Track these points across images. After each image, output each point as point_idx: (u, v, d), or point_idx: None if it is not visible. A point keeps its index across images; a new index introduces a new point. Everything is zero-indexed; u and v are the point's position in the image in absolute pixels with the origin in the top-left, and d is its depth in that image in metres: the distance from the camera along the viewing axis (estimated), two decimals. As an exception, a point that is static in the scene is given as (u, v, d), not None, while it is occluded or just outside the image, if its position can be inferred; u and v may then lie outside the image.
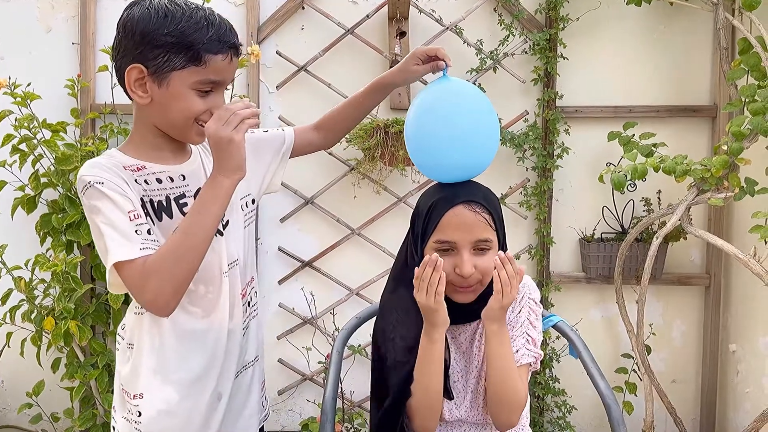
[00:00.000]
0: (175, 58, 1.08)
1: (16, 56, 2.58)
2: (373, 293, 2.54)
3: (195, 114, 1.11)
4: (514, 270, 1.21)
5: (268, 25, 2.52)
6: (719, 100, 2.44)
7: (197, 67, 1.09)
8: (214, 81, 1.11)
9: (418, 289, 1.21)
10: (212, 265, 1.17)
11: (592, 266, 2.46)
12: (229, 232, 1.22)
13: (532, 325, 1.32)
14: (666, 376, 2.55)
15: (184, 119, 1.11)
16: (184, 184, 1.18)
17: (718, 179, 2.13)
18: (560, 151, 2.48)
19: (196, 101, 1.11)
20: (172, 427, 1.17)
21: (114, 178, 1.09)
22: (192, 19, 1.08)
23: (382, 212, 2.54)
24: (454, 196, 1.24)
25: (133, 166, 1.14)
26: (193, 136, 1.14)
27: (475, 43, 2.45)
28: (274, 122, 2.55)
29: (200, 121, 1.13)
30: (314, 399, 2.60)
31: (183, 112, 1.11)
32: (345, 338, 1.57)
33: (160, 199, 1.14)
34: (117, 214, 1.06)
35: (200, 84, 1.10)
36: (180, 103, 1.10)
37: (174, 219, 1.15)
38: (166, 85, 1.09)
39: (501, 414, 1.27)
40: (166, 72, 1.08)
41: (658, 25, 2.50)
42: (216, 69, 1.10)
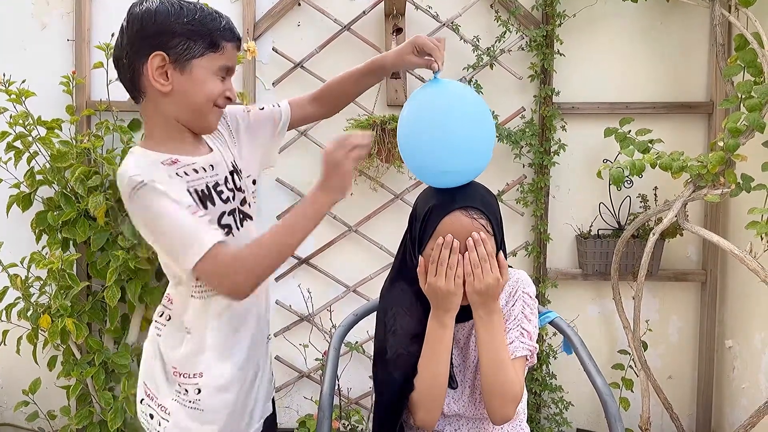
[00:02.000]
0: (195, 46, 1.14)
1: (10, 53, 2.57)
2: (371, 290, 2.54)
3: (216, 96, 1.18)
4: (487, 252, 1.19)
5: (265, 22, 2.51)
6: (715, 96, 2.44)
7: (215, 53, 1.16)
8: (229, 67, 1.20)
9: (436, 273, 1.20)
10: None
11: (588, 263, 2.47)
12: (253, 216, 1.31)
13: (526, 318, 1.32)
14: (662, 372, 2.56)
15: (206, 102, 1.18)
16: (214, 173, 1.22)
17: (715, 176, 2.13)
18: (557, 148, 2.48)
19: (218, 84, 1.18)
20: (227, 401, 1.25)
21: (162, 176, 1.13)
22: (205, 11, 1.17)
23: (379, 209, 2.53)
24: (451, 202, 1.23)
25: (167, 161, 1.17)
26: (212, 119, 1.21)
27: (471, 39, 2.45)
28: (270, 119, 2.54)
29: (216, 104, 1.20)
30: (311, 396, 2.60)
31: (207, 95, 1.17)
32: (342, 335, 1.57)
33: (202, 188, 1.19)
34: (183, 209, 1.10)
35: (219, 69, 1.18)
36: (203, 87, 1.16)
37: (216, 206, 1.21)
38: (189, 71, 1.15)
39: (494, 406, 1.25)
40: (187, 59, 1.15)
41: (654, 22, 2.50)
42: (229, 55, 1.19)
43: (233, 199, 1.25)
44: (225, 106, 1.23)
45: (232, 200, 1.24)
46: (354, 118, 2.39)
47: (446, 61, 2.57)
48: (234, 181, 1.27)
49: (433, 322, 1.24)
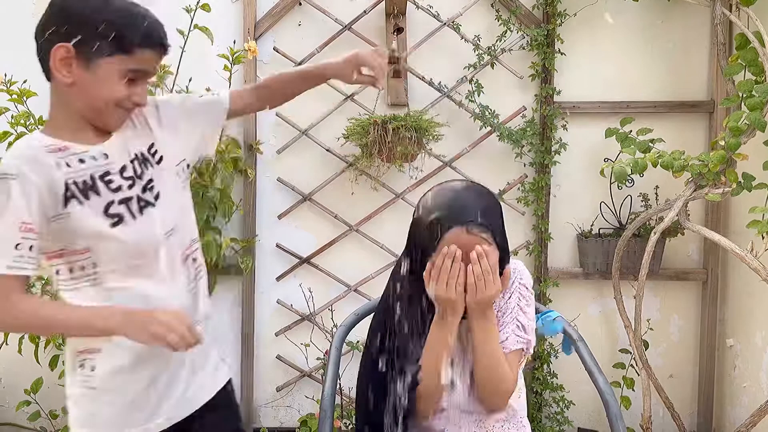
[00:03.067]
0: (104, 44, 1.11)
1: (11, 53, 2.56)
2: (372, 290, 2.54)
3: (117, 100, 1.15)
4: (490, 266, 1.20)
5: (265, 21, 2.52)
6: (716, 95, 2.44)
7: (124, 56, 1.13)
8: (141, 71, 1.16)
9: (438, 281, 1.21)
10: (147, 239, 1.20)
11: (589, 262, 2.47)
12: (162, 204, 1.24)
13: (522, 311, 1.33)
14: (663, 371, 2.56)
15: (105, 104, 1.15)
16: (107, 162, 1.19)
17: (716, 174, 2.13)
18: (558, 147, 2.48)
19: (120, 88, 1.14)
20: (126, 384, 1.20)
21: (32, 175, 1.10)
22: (128, 11, 1.13)
23: (380, 208, 2.54)
24: (452, 218, 1.22)
25: (55, 147, 1.15)
26: (113, 120, 1.18)
27: (472, 38, 2.45)
28: (271, 118, 2.55)
29: (121, 106, 1.17)
30: (313, 395, 2.60)
31: (106, 97, 1.14)
32: (343, 335, 1.57)
33: (84, 179, 1.16)
34: (8, 217, 1.09)
35: (126, 73, 1.14)
36: (104, 88, 1.14)
37: (102, 197, 1.17)
38: (93, 69, 1.12)
39: (489, 400, 1.31)
40: (94, 57, 1.11)
41: (655, 21, 2.50)
42: (143, 60, 1.15)
43: (129, 187, 1.20)
44: (133, 108, 1.20)
45: (127, 189, 1.20)
46: (355, 118, 2.39)
47: (447, 61, 2.60)
48: (135, 168, 1.23)
49: (436, 325, 1.27)
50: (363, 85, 1.35)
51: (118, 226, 1.17)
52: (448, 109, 2.51)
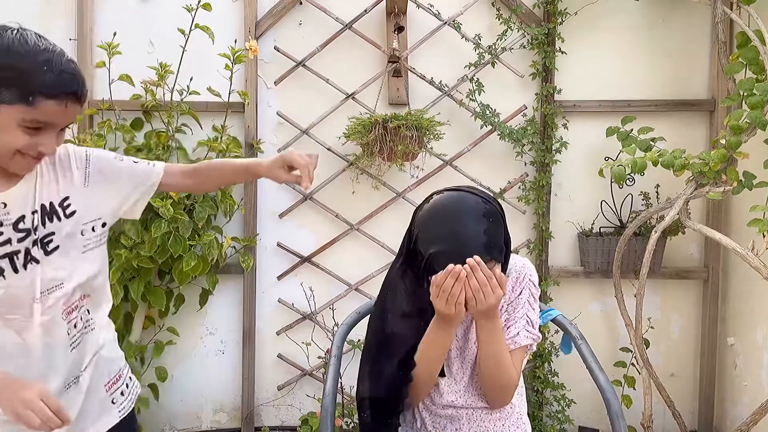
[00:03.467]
0: (6, 93, 1.06)
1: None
2: (373, 288, 2.54)
3: (16, 148, 1.10)
4: (486, 275, 1.19)
5: (266, 21, 2.52)
6: (717, 94, 2.44)
7: (26, 106, 1.07)
8: (43, 122, 1.09)
9: (437, 297, 1.21)
10: (21, 294, 1.16)
11: (590, 260, 2.47)
12: (54, 259, 1.20)
13: (531, 306, 1.36)
14: (664, 370, 2.56)
15: (6, 151, 1.10)
16: (3, 212, 1.15)
17: (717, 173, 2.13)
18: (559, 146, 2.48)
19: (20, 137, 1.09)
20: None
21: None
22: (33, 59, 1.07)
23: (381, 207, 2.54)
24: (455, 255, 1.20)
25: None
26: (16, 167, 1.13)
27: (473, 37, 2.45)
28: (272, 117, 2.55)
29: (26, 154, 1.11)
30: (314, 394, 2.61)
31: (4, 143, 1.09)
32: (344, 333, 1.57)
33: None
34: None
35: (27, 122, 1.08)
36: (3, 135, 1.08)
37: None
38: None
39: (494, 395, 1.33)
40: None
41: (656, 19, 2.50)
42: (46, 112, 1.08)
43: (19, 240, 1.16)
44: (39, 157, 1.14)
45: (16, 242, 1.16)
46: (356, 117, 2.39)
47: (448, 60, 2.59)
48: (33, 221, 1.18)
49: (435, 325, 1.28)
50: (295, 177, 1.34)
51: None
52: (449, 108, 2.51)
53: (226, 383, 2.64)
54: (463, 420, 1.36)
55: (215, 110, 2.48)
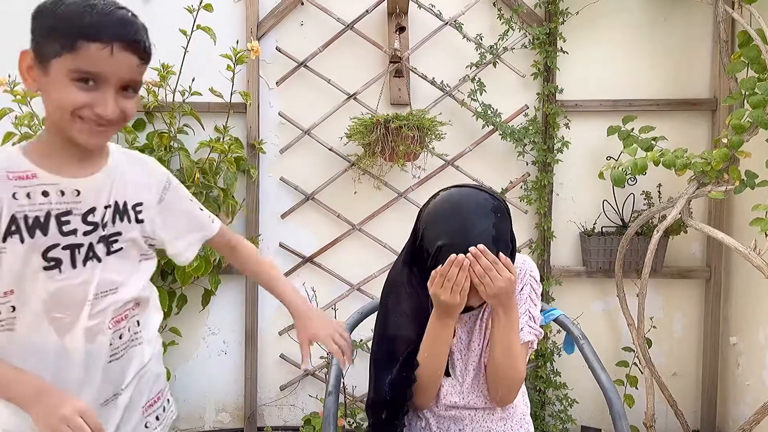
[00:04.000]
0: (54, 43, 1.00)
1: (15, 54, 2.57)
2: (375, 288, 2.55)
3: (69, 106, 1.01)
4: (490, 260, 1.20)
5: (268, 21, 2.52)
6: (719, 93, 2.44)
7: (69, 54, 0.99)
8: (89, 72, 1.00)
9: (441, 286, 1.22)
10: (75, 292, 1.10)
11: (592, 260, 2.47)
12: (113, 262, 1.14)
13: (533, 302, 1.36)
14: (667, 369, 2.56)
15: (60, 111, 1.02)
16: (75, 200, 1.08)
17: (719, 172, 2.13)
18: (560, 145, 2.48)
19: (72, 93, 1.00)
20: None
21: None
22: (78, 4, 1.01)
23: (383, 207, 2.54)
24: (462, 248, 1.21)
25: (22, 174, 1.05)
26: (76, 134, 1.04)
27: (474, 37, 2.45)
28: (274, 118, 2.55)
29: (82, 117, 1.02)
30: (316, 394, 2.61)
31: (58, 102, 1.02)
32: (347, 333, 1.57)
33: (37, 215, 1.05)
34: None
35: (74, 73, 1.00)
36: (56, 93, 1.01)
37: (49, 236, 1.05)
38: (48, 71, 1.01)
39: (500, 393, 1.33)
40: (47, 58, 1.01)
41: (657, 18, 2.49)
42: (90, 59, 0.99)
43: (85, 234, 1.09)
44: (101, 123, 1.04)
45: (81, 234, 1.08)
46: (357, 117, 2.39)
47: (449, 60, 2.60)
48: (104, 215, 1.12)
49: (434, 321, 1.28)
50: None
51: (51, 272, 1.07)
52: (451, 108, 2.52)
53: (228, 383, 2.64)
54: (467, 420, 1.37)
55: (217, 111, 2.49)
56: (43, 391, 1.02)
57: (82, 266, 1.09)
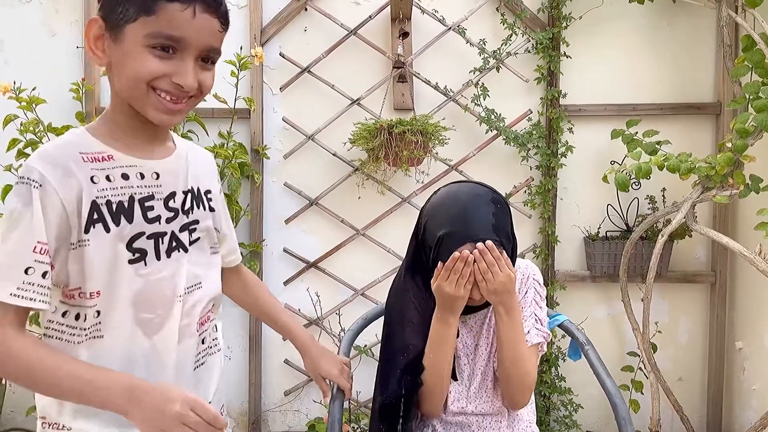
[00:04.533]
0: (129, 6, 0.91)
1: (20, 60, 2.59)
2: (379, 293, 2.54)
3: (146, 76, 0.92)
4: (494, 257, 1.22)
5: (272, 27, 2.53)
6: (723, 97, 2.44)
7: (147, 16, 0.90)
8: (170, 36, 0.91)
9: (446, 279, 1.23)
10: (164, 287, 1.00)
11: (597, 264, 2.46)
12: (195, 253, 1.04)
13: (538, 305, 1.36)
14: (672, 374, 2.55)
15: (135, 82, 0.92)
16: (155, 183, 0.99)
17: (723, 177, 2.12)
18: (564, 150, 2.48)
19: (150, 61, 0.91)
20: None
21: (60, 187, 0.90)
22: None
23: (387, 212, 2.54)
24: (462, 233, 1.23)
25: (98, 155, 0.95)
26: (148, 108, 0.94)
27: (477, 42, 2.45)
28: (278, 123, 2.56)
29: (158, 89, 0.93)
30: (320, 399, 2.61)
31: (133, 72, 0.92)
32: (351, 339, 1.58)
33: (121, 200, 0.95)
34: (22, 233, 0.89)
35: (152, 38, 0.91)
36: (130, 63, 0.92)
37: (134, 223, 0.96)
38: (121, 40, 0.92)
39: (512, 394, 1.33)
40: (121, 25, 0.91)
41: (661, 23, 2.49)
42: (171, 21, 0.90)
43: (168, 221, 1.00)
44: (178, 96, 0.94)
45: (164, 222, 0.99)
46: (361, 123, 2.40)
47: (453, 65, 2.60)
48: (184, 202, 1.03)
49: (437, 321, 1.29)
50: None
51: (136, 264, 0.96)
52: (454, 113, 2.52)
53: (232, 388, 2.64)
54: (474, 427, 1.36)
55: (221, 116, 2.49)
56: (138, 388, 0.89)
57: (167, 257, 0.99)
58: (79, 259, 0.93)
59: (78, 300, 0.94)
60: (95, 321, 0.95)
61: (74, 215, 0.91)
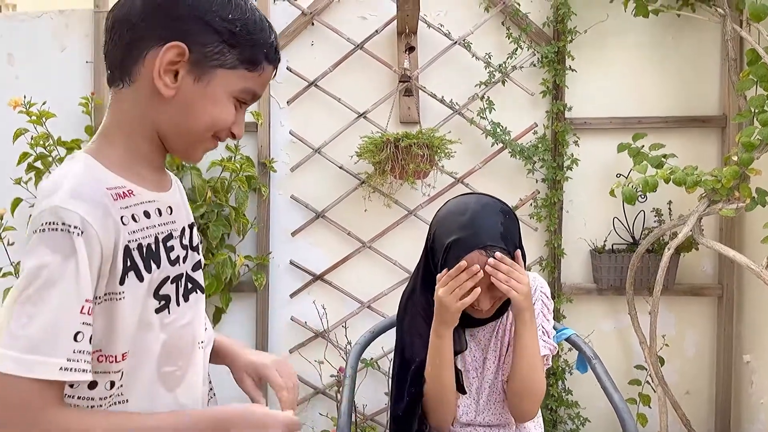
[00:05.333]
0: (230, 54, 0.84)
1: (31, 75, 2.62)
2: (385, 306, 2.55)
3: (224, 126, 0.87)
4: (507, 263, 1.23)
5: (279, 41, 2.55)
6: (728, 110, 2.44)
7: (249, 72, 0.86)
8: (255, 93, 0.90)
9: (446, 286, 1.23)
10: (185, 336, 0.91)
11: (603, 277, 2.46)
12: (201, 299, 0.96)
13: (546, 317, 1.37)
14: (680, 388, 2.53)
15: (206, 128, 0.86)
16: (171, 220, 0.90)
17: (729, 190, 2.12)
18: (570, 163, 2.48)
19: (230, 111, 0.87)
20: None
21: (100, 228, 0.77)
22: (256, 15, 0.87)
23: (393, 225, 2.55)
24: (471, 240, 1.25)
25: (119, 191, 0.82)
26: (200, 152, 0.90)
27: (483, 56, 2.47)
28: (285, 136, 2.57)
29: (219, 136, 0.89)
30: (327, 412, 2.60)
31: (212, 118, 0.85)
32: (359, 353, 1.58)
33: (149, 242, 0.84)
34: (67, 292, 0.74)
35: (245, 93, 0.87)
36: (213, 109, 0.85)
37: (161, 269, 0.85)
38: (206, 81, 0.84)
39: (523, 405, 1.32)
40: (213, 66, 0.84)
41: (665, 37, 2.51)
42: (263, 80, 0.89)
43: (183, 260, 0.91)
44: (224, 140, 0.91)
45: (182, 262, 0.91)
46: (368, 136, 2.41)
47: (458, 78, 2.62)
48: (191, 237, 0.95)
49: (432, 331, 1.30)
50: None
51: (161, 314, 0.86)
52: (460, 126, 2.53)
53: (239, 401, 2.63)
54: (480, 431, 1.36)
55: (229, 130, 2.51)
56: (222, 421, 0.83)
57: (185, 301, 0.90)
58: (108, 316, 0.80)
59: (97, 365, 0.80)
60: (118, 386, 0.83)
61: (108, 263, 0.79)
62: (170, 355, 0.88)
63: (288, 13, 2.55)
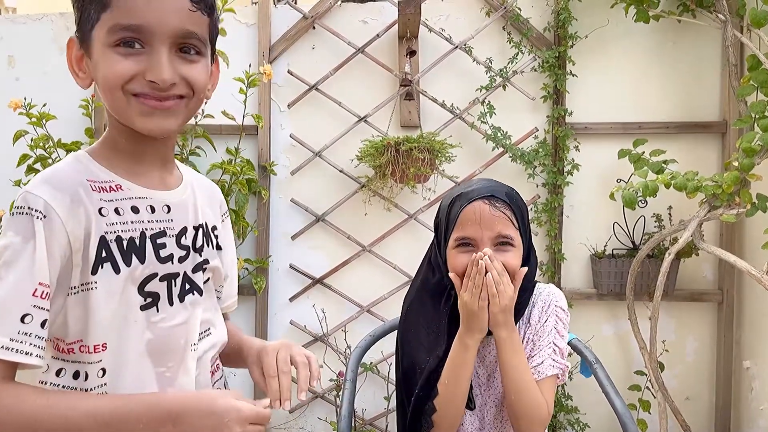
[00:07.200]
0: (90, 9, 0.81)
1: (31, 77, 2.62)
2: (385, 310, 2.54)
3: (117, 80, 0.80)
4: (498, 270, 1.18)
5: (280, 45, 2.55)
6: (729, 115, 2.45)
7: (104, 13, 0.79)
8: (129, 26, 0.79)
9: (466, 288, 1.19)
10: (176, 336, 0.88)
11: (603, 282, 2.46)
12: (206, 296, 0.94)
13: (559, 334, 1.30)
14: (680, 393, 2.53)
15: (109, 91, 0.81)
16: (167, 218, 0.89)
17: (730, 195, 2.12)
18: (570, 168, 2.48)
19: (116, 62, 0.80)
20: None
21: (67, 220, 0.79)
22: None
23: (393, 229, 2.54)
24: (474, 192, 1.24)
25: (105, 185, 0.84)
26: (134, 117, 0.83)
27: (484, 61, 2.47)
28: (285, 140, 2.57)
29: (137, 93, 0.82)
30: (326, 417, 2.59)
31: (103, 79, 0.81)
32: (358, 358, 1.57)
33: (132, 236, 0.84)
34: (20, 272, 0.76)
35: (112, 34, 0.79)
36: (100, 69, 0.81)
37: (146, 263, 0.85)
38: (91, 52, 0.83)
39: (521, 427, 1.24)
40: (88, 34, 0.82)
41: (666, 42, 2.51)
42: (128, 9, 0.79)
43: (180, 260, 0.89)
44: (157, 93, 0.82)
45: (176, 261, 0.89)
46: (368, 140, 2.41)
47: (459, 83, 2.62)
48: (195, 238, 0.93)
49: (457, 343, 1.24)
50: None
51: (148, 311, 0.85)
52: (461, 131, 2.53)
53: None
54: None
55: (229, 133, 2.51)
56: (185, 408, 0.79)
57: (179, 302, 0.89)
58: (83, 306, 0.81)
59: (78, 355, 0.82)
60: (100, 381, 0.83)
61: (79, 253, 0.80)
62: (159, 355, 0.87)
63: (289, 16, 2.55)
